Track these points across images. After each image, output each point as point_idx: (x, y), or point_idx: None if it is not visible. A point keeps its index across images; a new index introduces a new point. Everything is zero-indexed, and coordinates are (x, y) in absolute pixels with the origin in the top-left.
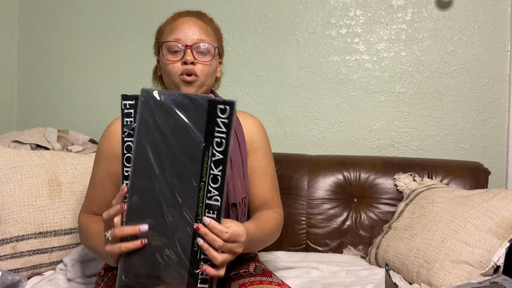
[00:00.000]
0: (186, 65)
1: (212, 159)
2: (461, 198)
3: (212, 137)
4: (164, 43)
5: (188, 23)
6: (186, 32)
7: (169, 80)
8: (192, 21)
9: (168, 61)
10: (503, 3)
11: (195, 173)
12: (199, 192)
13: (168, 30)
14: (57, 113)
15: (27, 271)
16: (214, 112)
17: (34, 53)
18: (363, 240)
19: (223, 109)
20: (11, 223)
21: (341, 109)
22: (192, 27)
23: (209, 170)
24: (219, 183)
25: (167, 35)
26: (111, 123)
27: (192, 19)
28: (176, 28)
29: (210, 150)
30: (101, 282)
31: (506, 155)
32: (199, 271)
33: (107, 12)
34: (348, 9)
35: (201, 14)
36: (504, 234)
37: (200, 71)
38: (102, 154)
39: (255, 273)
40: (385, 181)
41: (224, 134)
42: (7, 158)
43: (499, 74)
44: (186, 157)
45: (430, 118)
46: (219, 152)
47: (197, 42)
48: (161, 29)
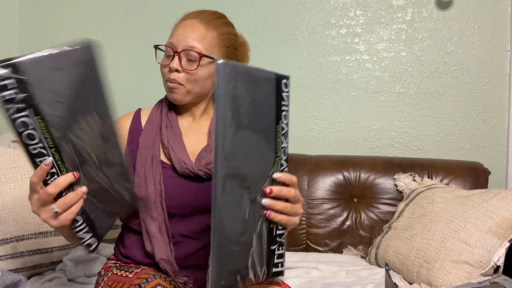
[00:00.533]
0: (171, 72)
1: (282, 132)
2: (461, 198)
3: (280, 110)
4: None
5: (184, 28)
6: (179, 37)
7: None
8: (190, 25)
9: (161, 65)
10: (503, 3)
11: (271, 147)
12: (273, 167)
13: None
14: None
15: (27, 271)
16: (280, 87)
17: None
18: (363, 240)
19: (286, 83)
20: (11, 223)
21: (341, 109)
22: (186, 32)
23: (280, 143)
24: (287, 156)
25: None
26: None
27: (193, 23)
28: (175, 30)
29: (280, 124)
30: (101, 281)
31: (506, 155)
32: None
33: (107, 13)
34: (348, 9)
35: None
36: (504, 234)
37: (184, 79)
38: None
39: None
40: (385, 181)
41: (287, 107)
42: (7, 158)
43: (499, 74)
44: (262, 134)
45: (430, 118)
46: (286, 124)
47: (186, 49)
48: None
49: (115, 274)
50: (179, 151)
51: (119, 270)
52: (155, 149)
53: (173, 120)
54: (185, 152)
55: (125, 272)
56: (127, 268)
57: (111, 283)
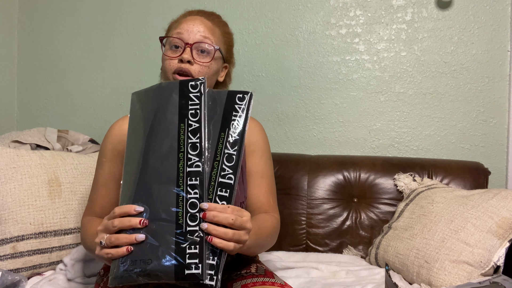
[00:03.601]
0: (182, 63)
1: (189, 129)
2: (461, 198)
3: (186, 110)
4: (167, 38)
5: (194, 21)
6: (190, 28)
7: (164, 77)
8: (199, 19)
9: (166, 57)
10: (503, 3)
11: (174, 145)
12: (179, 163)
13: (174, 26)
14: (57, 113)
15: (27, 271)
16: (184, 90)
17: (34, 53)
18: (363, 240)
19: (193, 85)
20: (11, 223)
21: (341, 109)
22: (197, 25)
23: (186, 140)
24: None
25: (172, 30)
26: (113, 124)
27: (201, 18)
28: (181, 24)
29: (185, 122)
30: (101, 282)
31: (506, 155)
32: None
33: (107, 12)
34: (348, 9)
35: (213, 15)
36: (504, 234)
37: (196, 72)
38: (105, 156)
39: (257, 273)
40: (385, 181)
41: (198, 105)
42: (7, 158)
43: (499, 74)
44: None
45: (430, 118)
46: (197, 122)
47: (199, 41)
48: (170, 24)
49: None
50: None
51: None
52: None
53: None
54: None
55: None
56: None
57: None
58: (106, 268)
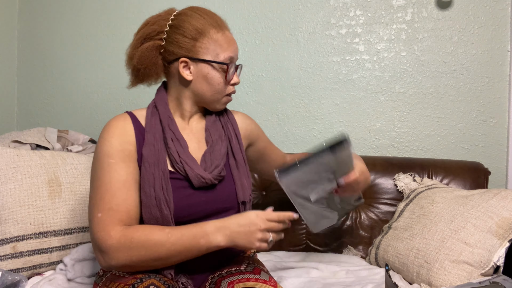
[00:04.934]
0: (233, 86)
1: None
2: (461, 198)
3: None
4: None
5: (235, 42)
6: (236, 52)
7: (210, 96)
8: (232, 37)
9: (226, 81)
10: (503, 3)
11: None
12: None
13: (220, 41)
14: (57, 113)
15: (27, 271)
16: (336, 149)
17: (34, 53)
18: (363, 240)
19: (345, 144)
20: (11, 223)
21: (341, 109)
22: (236, 47)
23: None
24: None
25: (221, 47)
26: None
27: (231, 34)
28: (228, 43)
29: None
30: (100, 282)
31: (506, 155)
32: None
33: (107, 12)
34: (348, 9)
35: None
36: (504, 234)
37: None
38: (113, 157)
39: (244, 270)
40: (385, 181)
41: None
42: (7, 158)
43: (499, 74)
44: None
45: (430, 118)
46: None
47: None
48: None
49: (113, 275)
50: (194, 165)
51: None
52: (163, 165)
53: (176, 131)
54: (198, 165)
55: (122, 273)
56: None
57: (109, 283)
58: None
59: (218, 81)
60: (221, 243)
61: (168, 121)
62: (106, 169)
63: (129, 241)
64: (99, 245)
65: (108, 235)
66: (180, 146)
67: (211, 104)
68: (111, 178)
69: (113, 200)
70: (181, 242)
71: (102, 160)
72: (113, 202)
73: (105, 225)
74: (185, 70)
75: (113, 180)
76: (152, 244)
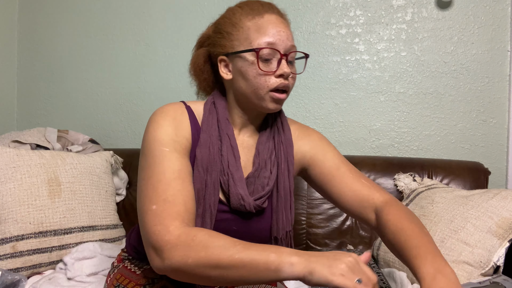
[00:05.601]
0: (283, 79)
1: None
2: (461, 198)
3: None
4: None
5: (280, 25)
6: (281, 35)
7: (251, 94)
8: (281, 22)
9: (262, 72)
10: (503, 3)
11: None
12: None
13: (253, 27)
14: (57, 113)
15: (27, 270)
16: None
17: (34, 53)
18: (363, 240)
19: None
20: (11, 223)
21: (341, 109)
22: (285, 30)
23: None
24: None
25: (254, 34)
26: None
27: (280, 20)
28: (266, 28)
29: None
30: (112, 273)
31: (506, 155)
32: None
33: (107, 12)
34: (348, 9)
35: (282, 12)
36: (504, 234)
37: (291, 86)
38: (168, 145)
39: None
40: (385, 181)
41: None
42: (7, 157)
43: (499, 74)
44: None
45: (430, 118)
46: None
47: (291, 50)
48: (236, 17)
49: (125, 267)
50: (240, 183)
51: (130, 263)
52: (216, 174)
53: (232, 138)
54: (244, 185)
55: (135, 267)
56: (138, 263)
57: (119, 276)
58: (119, 260)
59: (253, 73)
60: (296, 265)
61: (226, 124)
62: (158, 157)
63: (191, 239)
64: (154, 241)
65: (166, 230)
66: (232, 155)
67: (257, 104)
68: (164, 167)
69: (168, 191)
70: (248, 251)
71: (154, 147)
72: (168, 193)
73: (162, 218)
74: (224, 69)
75: (167, 169)
76: (214, 246)
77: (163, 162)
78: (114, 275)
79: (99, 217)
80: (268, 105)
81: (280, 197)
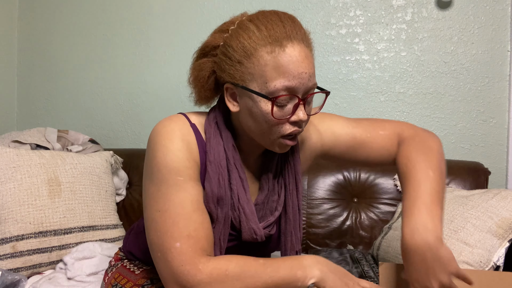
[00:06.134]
0: (297, 126)
1: None
2: (461, 198)
3: None
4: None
5: (303, 63)
6: (303, 78)
7: (259, 135)
8: (305, 57)
9: (275, 119)
10: (503, 3)
11: None
12: None
13: (272, 64)
14: (57, 113)
15: (27, 270)
16: None
17: (34, 53)
18: (363, 240)
19: None
20: (11, 223)
21: (341, 109)
22: (308, 69)
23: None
24: None
25: (272, 73)
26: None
27: (304, 53)
28: (287, 68)
29: None
30: (110, 272)
31: (506, 155)
32: None
33: (107, 12)
34: (348, 9)
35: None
36: (504, 234)
37: (303, 128)
38: (183, 174)
39: None
40: (385, 181)
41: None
42: (7, 157)
43: (499, 74)
44: None
45: (430, 118)
46: None
47: (311, 91)
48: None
49: (124, 267)
50: (251, 216)
51: (130, 262)
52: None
53: (241, 169)
54: (255, 217)
55: (134, 267)
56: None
57: (117, 275)
58: (117, 259)
59: (263, 119)
60: (315, 279)
61: (233, 152)
62: (173, 187)
63: (223, 274)
64: (185, 281)
65: (196, 269)
66: (242, 188)
67: (263, 144)
68: (181, 198)
69: (190, 225)
70: (279, 274)
71: (167, 176)
72: (191, 228)
73: (189, 257)
74: (231, 98)
75: (185, 201)
76: (248, 276)
77: (178, 193)
78: (112, 274)
79: (99, 217)
80: (276, 149)
81: (289, 220)
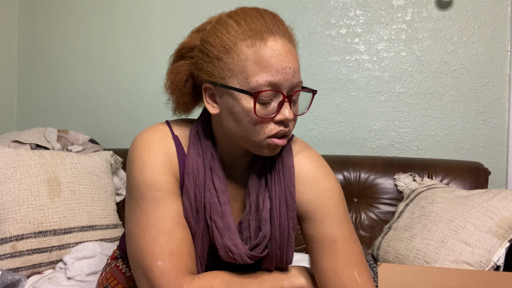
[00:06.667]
0: (283, 126)
1: None
2: (461, 198)
3: None
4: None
5: (286, 57)
6: (287, 73)
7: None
8: (288, 51)
9: (259, 119)
10: (503, 3)
11: None
12: None
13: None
14: (57, 113)
15: (27, 270)
16: None
17: (34, 53)
18: (363, 240)
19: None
20: (11, 223)
21: (341, 109)
22: (292, 64)
23: None
24: None
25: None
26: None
27: (287, 47)
28: (269, 62)
29: None
30: (104, 271)
31: (506, 155)
32: None
33: (107, 12)
34: (348, 9)
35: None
36: (504, 234)
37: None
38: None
39: None
40: (385, 181)
41: None
42: (7, 157)
43: (499, 74)
44: None
45: (430, 118)
46: None
47: (296, 88)
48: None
49: (117, 267)
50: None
51: (123, 262)
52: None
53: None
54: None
55: (126, 268)
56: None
57: (109, 276)
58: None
59: (245, 118)
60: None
61: (211, 162)
62: (151, 203)
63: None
64: None
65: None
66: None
67: (250, 148)
68: (160, 214)
69: (171, 242)
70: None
71: (144, 192)
72: (173, 245)
73: (173, 276)
74: (210, 100)
75: (165, 216)
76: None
77: (157, 209)
78: (105, 274)
79: (99, 217)
80: (264, 151)
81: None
